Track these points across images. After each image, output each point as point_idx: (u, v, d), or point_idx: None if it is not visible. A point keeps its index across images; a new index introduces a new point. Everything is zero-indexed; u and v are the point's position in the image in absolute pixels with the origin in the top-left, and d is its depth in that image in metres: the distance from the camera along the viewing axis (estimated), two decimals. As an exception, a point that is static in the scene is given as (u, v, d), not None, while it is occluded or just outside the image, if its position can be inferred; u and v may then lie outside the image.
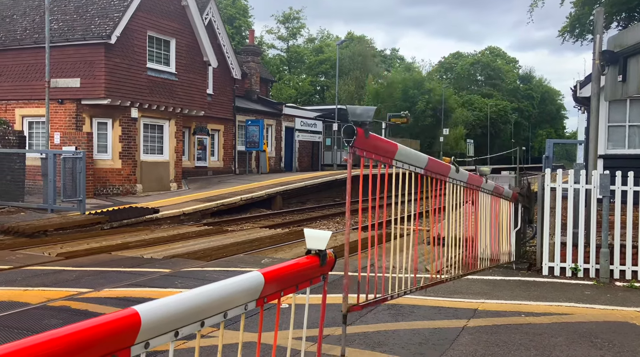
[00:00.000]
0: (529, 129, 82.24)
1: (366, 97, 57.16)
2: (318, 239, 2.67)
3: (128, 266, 8.30)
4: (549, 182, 8.30)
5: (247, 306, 2.19)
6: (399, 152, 3.59)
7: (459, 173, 4.81)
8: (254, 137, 25.11)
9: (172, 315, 1.79)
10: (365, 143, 3.01)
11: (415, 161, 3.97)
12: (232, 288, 2.08)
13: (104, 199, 16.36)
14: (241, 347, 2.30)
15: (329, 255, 2.71)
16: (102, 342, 1.52)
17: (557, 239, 8.27)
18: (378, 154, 3.27)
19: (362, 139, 2.96)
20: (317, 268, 2.63)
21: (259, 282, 2.20)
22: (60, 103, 16.81)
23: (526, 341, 5.18)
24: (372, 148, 3.12)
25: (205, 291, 1.96)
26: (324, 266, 2.66)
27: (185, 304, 1.85)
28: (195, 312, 1.90)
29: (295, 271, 2.47)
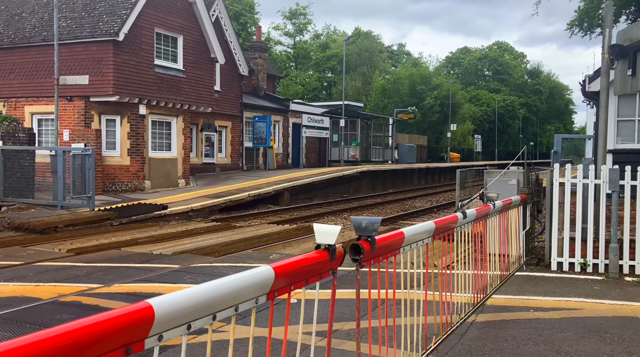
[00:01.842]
0: (537, 124, 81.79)
1: (373, 93, 57.05)
2: (327, 233, 2.69)
3: (138, 262, 8.36)
4: (558, 177, 8.27)
5: (258, 300, 2.21)
6: (407, 239, 3.53)
7: (466, 217, 4.80)
8: (261, 133, 25.15)
9: (185, 308, 1.82)
10: (372, 254, 3.05)
11: (422, 235, 3.86)
12: (243, 282, 2.10)
13: (112, 195, 16.47)
14: (252, 342, 2.32)
15: (339, 250, 2.73)
16: (117, 335, 1.55)
17: (566, 234, 8.24)
18: (386, 254, 3.30)
19: (369, 253, 3.01)
20: (326, 263, 2.65)
21: (269, 276, 2.22)
22: (69, 100, 16.91)
23: (535, 336, 5.18)
24: (379, 254, 3.16)
25: (217, 284, 1.99)
26: (333, 260, 2.68)
27: (198, 298, 1.88)
28: (208, 306, 1.92)
29: (305, 265, 2.49)
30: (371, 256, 3.03)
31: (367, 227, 2.97)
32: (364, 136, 34.69)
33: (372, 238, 3.00)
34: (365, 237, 2.99)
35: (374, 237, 3.01)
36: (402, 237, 3.45)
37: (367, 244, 2.97)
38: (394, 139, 39.22)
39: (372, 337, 3.85)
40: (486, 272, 6.06)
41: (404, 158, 38.90)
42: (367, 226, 2.97)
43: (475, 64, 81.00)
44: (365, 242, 2.98)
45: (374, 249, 3.02)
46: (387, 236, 3.26)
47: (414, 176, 32.81)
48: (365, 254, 2.93)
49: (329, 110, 32.62)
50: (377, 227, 2.97)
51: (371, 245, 2.99)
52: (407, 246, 3.59)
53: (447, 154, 52.10)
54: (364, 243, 2.95)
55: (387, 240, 3.22)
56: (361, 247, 2.90)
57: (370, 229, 2.97)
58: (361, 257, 2.89)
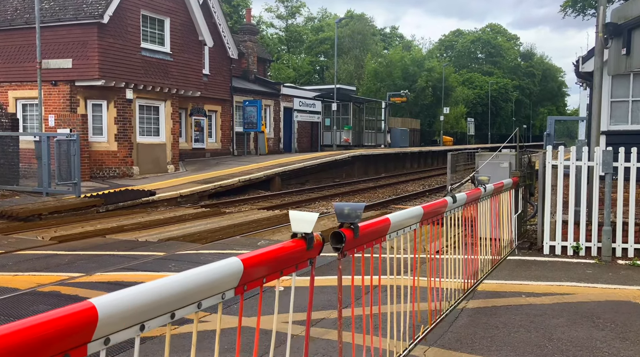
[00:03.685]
0: (530, 107, 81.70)
1: (365, 76, 56.61)
2: (304, 221, 2.50)
3: (122, 250, 8.17)
4: (551, 160, 8.12)
5: (225, 295, 2.03)
6: (393, 225, 3.32)
7: (456, 202, 4.61)
8: (252, 118, 24.83)
9: (137, 307, 1.63)
10: (355, 242, 2.85)
11: (410, 221, 3.66)
12: (206, 276, 1.92)
13: (100, 181, 16.20)
14: (219, 338, 2.14)
15: (317, 238, 2.54)
16: (52, 341, 1.36)
17: (559, 218, 8.12)
18: (370, 241, 3.10)
19: (352, 241, 2.81)
20: (303, 252, 2.47)
21: (237, 269, 2.03)
22: (54, 85, 16.54)
23: (527, 323, 5.05)
24: (362, 241, 2.96)
25: (175, 280, 1.80)
26: (310, 249, 2.49)
27: (152, 295, 1.69)
28: (164, 304, 1.73)
29: (278, 256, 2.31)
30: (354, 244, 2.85)
31: (349, 214, 2.79)
32: (357, 120, 34.43)
33: (354, 225, 2.81)
34: (348, 225, 2.81)
35: (357, 225, 2.82)
36: (387, 223, 3.27)
37: (349, 231, 2.79)
38: (386, 122, 38.98)
39: (356, 326, 3.70)
40: (477, 257, 5.92)
41: (397, 142, 38.72)
42: (350, 213, 2.79)
43: (468, 47, 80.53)
44: (348, 229, 2.79)
45: (357, 237, 2.84)
46: (372, 222, 3.08)
47: (407, 160, 32.66)
48: (347, 242, 2.74)
49: (320, 94, 32.27)
50: (360, 213, 2.79)
51: (354, 233, 2.81)
52: (394, 232, 3.41)
53: (440, 137, 51.98)
54: (346, 231, 2.77)
55: (371, 227, 3.04)
56: (343, 235, 2.71)
57: (352, 215, 2.79)
58: (343, 245, 2.71)
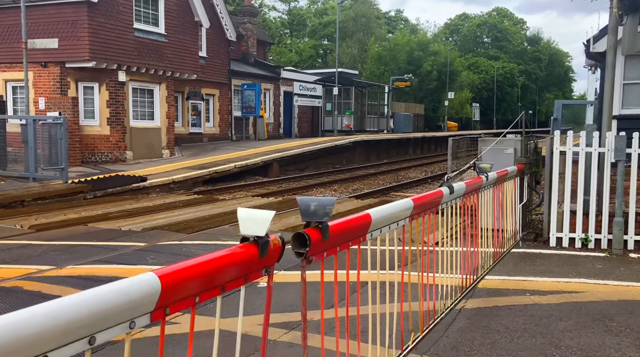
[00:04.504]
0: (536, 92, 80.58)
1: (369, 60, 55.74)
2: (255, 221, 2.00)
3: (102, 240, 7.72)
4: (559, 146, 7.59)
5: (136, 323, 1.54)
6: (375, 223, 2.80)
7: (454, 192, 4.07)
8: (251, 102, 24.23)
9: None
10: (325, 244, 2.32)
11: (397, 216, 3.13)
12: (103, 301, 1.42)
13: (92, 166, 15.74)
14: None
15: (273, 242, 2.04)
16: None
17: (566, 207, 7.63)
18: (346, 242, 2.58)
19: (320, 243, 2.28)
20: (254, 260, 1.97)
21: (151, 288, 1.54)
22: (44, 66, 16.01)
23: (531, 326, 4.57)
24: (334, 243, 2.44)
25: (54, 309, 1.31)
26: (264, 256, 2.00)
27: (11, 332, 1.20)
28: (32, 344, 1.24)
29: (217, 267, 1.81)
30: (323, 247, 2.35)
31: (316, 211, 2.28)
32: (359, 105, 33.76)
33: (323, 225, 2.31)
34: (316, 224, 2.31)
35: (326, 224, 2.32)
36: (367, 220, 2.76)
37: (316, 232, 2.28)
38: (389, 107, 38.29)
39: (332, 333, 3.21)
40: (477, 250, 5.42)
41: (400, 127, 38.07)
42: (317, 210, 2.28)
43: (474, 31, 79.27)
44: (315, 230, 2.29)
45: (327, 238, 2.33)
46: (346, 220, 2.57)
47: (410, 146, 32.06)
48: (313, 245, 2.24)
49: (322, 78, 31.57)
50: (330, 210, 2.28)
51: (322, 233, 2.30)
52: (377, 230, 2.91)
53: (444, 123, 51.27)
54: (312, 232, 2.26)
55: (346, 226, 2.54)
56: (307, 238, 2.21)
57: (320, 213, 2.28)
58: (307, 250, 2.21)
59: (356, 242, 2.70)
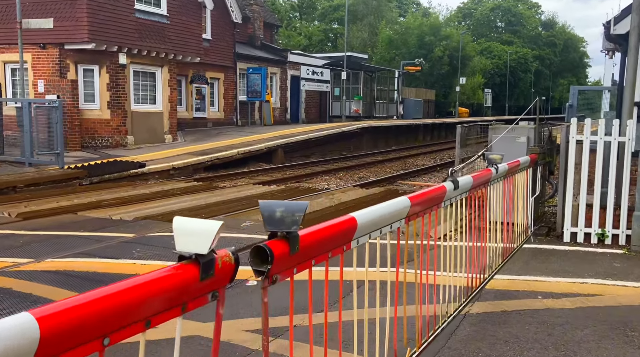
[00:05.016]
0: (549, 78, 79.11)
1: (379, 44, 54.81)
2: (196, 235, 1.57)
3: (89, 230, 7.35)
4: (575, 134, 7.08)
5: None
6: (361, 228, 2.33)
7: (458, 188, 3.60)
8: (256, 86, 23.70)
9: None
10: (294, 259, 1.87)
11: (389, 219, 2.66)
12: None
13: (91, 151, 15.40)
14: None
15: (222, 259, 1.61)
16: None
17: (582, 200, 7.14)
18: (323, 254, 2.12)
19: (287, 258, 1.83)
20: (194, 284, 1.54)
21: (26, 337, 1.12)
22: (42, 48, 15.61)
23: (544, 336, 4.12)
24: (307, 257, 1.98)
25: None
26: (208, 278, 1.56)
27: None
28: None
29: (137, 298, 1.37)
30: (292, 262, 1.90)
31: (283, 219, 1.83)
32: (368, 90, 33.10)
33: (291, 235, 1.86)
34: (283, 234, 1.86)
35: (295, 234, 1.87)
36: (352, 226, 2.31)
37: (282, 244, 1.84)
38: (399, 93, 37.57)
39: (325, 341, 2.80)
40: (485, 247, 4.97)
41: (410, 113, 37.39)
42: (284, 217, 1.83)
43: (487, 15, 77.74)
44: (281, 241, 1.85)
45: (297, 252, 1.89)
46: (323, 227, 2.12)
47: (419, 132, 31.44)
48: (277, 261, 1.80)
49: (330, 62, 30.90)
50: (300, 218, 1.83)
51: (290, 246, 1.86)
52: (364, 236, 2.46)
53: (455, 109, 50.41)
54: (277, 244, 1.82)
55: (322, 234, 2.09)
56: (269, 252, 1.76)
57: (288, 221, 1.83)
58: (269, 268, 1.77)
59: (338, 252, 2.25)
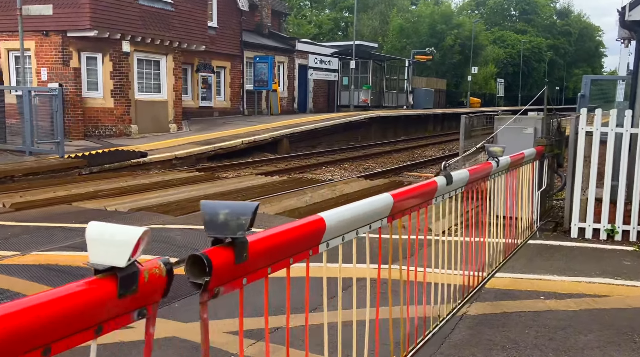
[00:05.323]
0: (564, 68, 77.82)
1: (390, 32, 54.15)
2: (112, 244, 1.34)
3: (81, 221, 7.16)
4: (585, 125, 6.76)
5: None
6: (331, 228, 2.05)
7: (452, 183, 3.32)
8: (263, 75, 23.41)
9: None
10: (242, 268, 1.62)
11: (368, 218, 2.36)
12: None
13: (95, 140, 15.26)
14: None
15: (150, 271, 1.38)
16: None
17: (591, 194, 6.84)
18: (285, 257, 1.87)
19: (232, 268, 1.59)
20: (111, 301, 1.31)
21: None
22: (45, 35, 15.44)
23: (544, 341, 3.86)
24: (262, 262, 1.74)
25: None
26: (130, 294, 1.34)
27: None
28: None
29: (37, 322, 1.15)
30: (239, 272, 1.66)
31: (227, 223, 1.59)
32: (377, 79, 32.67)
33: (237, 242, 1.62)
34: (229, 241, 1.62)
35: (242, 240, 1.63)
36: (319, 227, 2.06)
37: (226, 252, 1.60)
38: (409, 82, 37.06)
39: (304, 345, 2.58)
40: (485, 245, 4.71)
41: (420, 103, 36.90)
42: (228, 221, 1.59)
43: (501, 3, 76.49)
44: (225, 248, 1.61)
45: (245, 260, 1.65)
46: (281, 230, 1.87)
47: (429, 123, 31.03)
48: (219, 271, 1.56)
49: (339, 50, 30.48)
50: (246, 222, 1.59)
51: (236, 254, 1.62)
52: (336, 238, 2.22)
53: (467, 99, 49.75)
54: (219, 252, 1.58)
55: (279, 238, 1.84)
56: (207, 263, 1.52)
57: (233, 226, 1.59)
58: (207, 280, 1.53)
59: (301, 258, 2.01)
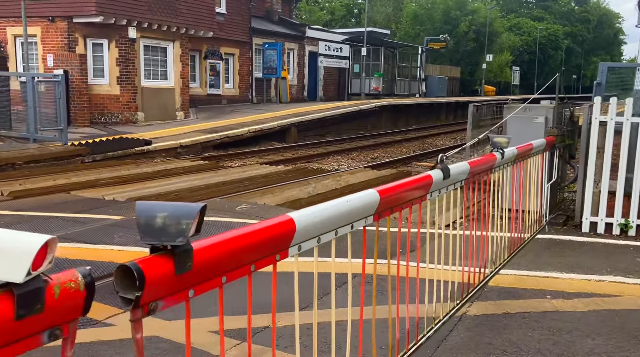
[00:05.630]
0: (581, 56, 76.37)
1: (404, 19, 53.39)
2: (6, 255, 1.12)
3: (77, 211, 7.03)
4: (599, 114, 6.44)
5: None
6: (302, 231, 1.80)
7: (450, 176, 3.06)
8: (272, 62, 23.11)
9: None
10: (185, 280, 1.39)
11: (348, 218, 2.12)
12: None
13: (100, 128, 15.15)
14: None
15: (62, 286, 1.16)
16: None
17: (604, 187, 6.55)
18: (244, 263, 1.64)
19: (173, 280, 1.35)
20: (7, 323, 1.10)
21: None
22: (51, 21, 15.31)
23: (548, 345, 3.62)
24: (216, 270, 1.50)
25: None
26: (28, 316, 1.12)
27: None
28: None
29: None
30: (183, 283, 1.44)
31: (165, 228, 1.37)
32: (389, 67, 32.20)
33: (179, 250, 1.40)
34: (169, 249, 1.40)
35: (185, 248, 1.41)
36: (287, 230, 1.84)
37: (164, 262, 1.38)
38: (422, 70, 36.53)
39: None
40: (487, 240, 4.45)
41: (433, 91, 36.38)
42: (166, 225, 1.37)
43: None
44: (164, 257, 1.39)
45: (188, 270, 1.43)
46: (232, 236, 1.64)
47: (442, 111, 30.56)
48: (153, 285, 1.34)
49: (350, 37, 30.03)
50: (188, 226, 1.37)
51: (177, 264, 1.40)
52: (310, 240, 1.99)
53: (481, 87, 49.00)
54: (155, 262, 1.36)
55: (232, 245, 1.61)
56: (138, 275, 1.31)
57: (172, 231, 1.37)
58: (139, 295, 1.31)
59: (266, 263, 1.79)
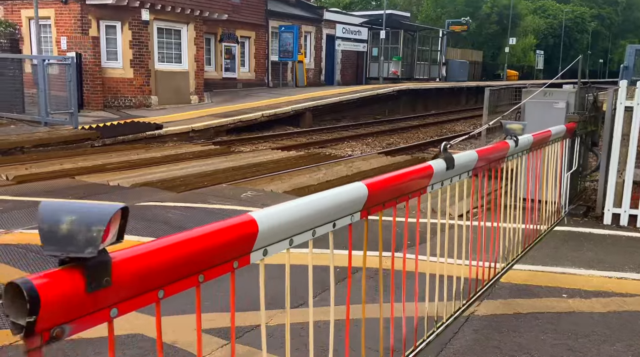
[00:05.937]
0: (609, 40, 74.17)
1: (425, 1, 52.36)
2: None
3: (80, 196, 6.89)
4: (624, 99, 6.04)
5: None
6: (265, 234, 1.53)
7: (454, 167, 2.74)
8: (288, 45, 22.75)
9: None
10: (102, 297, 1.11)
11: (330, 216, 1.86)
12: None
13: (113, 111, 15.05)
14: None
15: None
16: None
17: (629, 177, 6.18)
18: (189, 274, 1.34)
19: (82, 298, 1.08)
20: None
21: None
22: (64, 3, 15.17)
23: (562, 350, 3.33)
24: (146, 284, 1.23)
25: None
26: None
27: None
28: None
29: None
30: (100, 302, 1.19)
31: (72, 236, 1.12)
32: (408, 50, 31.55)
33: (90, 262, 1.15)
34: (80, 262, 1.15)
35: (100, 260, 1.16)
36: (248, 233, 1.58)
37: (71, 277, 1.13)
38: (443, 54, 35.76)
39: None
40: (499, 232, 4.15)
41: (454, 75, 35.64)
42: (74, 233, 1.12)
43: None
44: (71, 271, 1.14)
45: (104, 287, 1.18)
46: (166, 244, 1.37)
47: (462, 96, 29.89)
48: (55, 307, 1.09)
49: (368, 20, 29.44)
50: (99, 234, 1.11)
51: (87, 280, 1.15)
52: (279, 243, 1.73)
53: (504, 71, 47.92)
54: (59, 277, 1.12)
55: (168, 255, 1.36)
56: (29, 297, 1.06)
57: (80, 240, 1.12)
58: (32, 321, 1.06)
59: (221, 272, 1.54)
